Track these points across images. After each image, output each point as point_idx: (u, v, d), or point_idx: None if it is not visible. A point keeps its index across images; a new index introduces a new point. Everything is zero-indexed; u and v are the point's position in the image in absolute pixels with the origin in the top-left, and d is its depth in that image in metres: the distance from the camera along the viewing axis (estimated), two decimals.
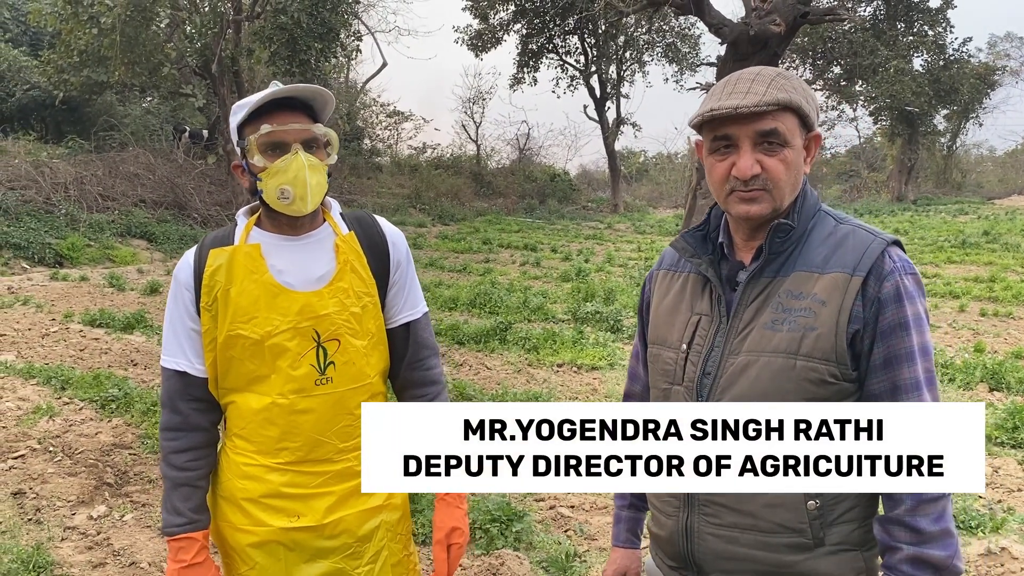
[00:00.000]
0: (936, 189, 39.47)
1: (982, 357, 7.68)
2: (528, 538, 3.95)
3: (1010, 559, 3.77)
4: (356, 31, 21.11)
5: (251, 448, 1.86)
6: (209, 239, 1.88)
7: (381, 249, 1.95)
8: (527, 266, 15.65)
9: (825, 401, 1.43)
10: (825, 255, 1.47)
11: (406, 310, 2.01)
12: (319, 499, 1.86)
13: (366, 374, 1.90)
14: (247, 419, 1.85)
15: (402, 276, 1.99)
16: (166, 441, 1.86)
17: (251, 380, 1.83)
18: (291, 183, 1.75)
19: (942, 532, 1.38)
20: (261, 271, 1.80)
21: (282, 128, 1.76)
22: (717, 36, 12.87)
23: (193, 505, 1.84)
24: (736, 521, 1.49)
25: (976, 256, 16.32)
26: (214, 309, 1.80)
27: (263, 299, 1.79)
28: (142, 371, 7.15)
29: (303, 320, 1.80)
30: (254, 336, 1.78)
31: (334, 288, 1.84)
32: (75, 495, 4.46)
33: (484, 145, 35.86)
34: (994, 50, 41.35)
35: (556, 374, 7.43)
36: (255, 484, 1.85)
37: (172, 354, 1.85)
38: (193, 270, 1.83)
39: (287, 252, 1.84)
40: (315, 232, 1.89)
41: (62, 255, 13.45)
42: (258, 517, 1.85)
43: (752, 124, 1.43)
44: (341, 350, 1.84)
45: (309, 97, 1.82)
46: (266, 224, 1.88)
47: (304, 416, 1.82)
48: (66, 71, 17.91)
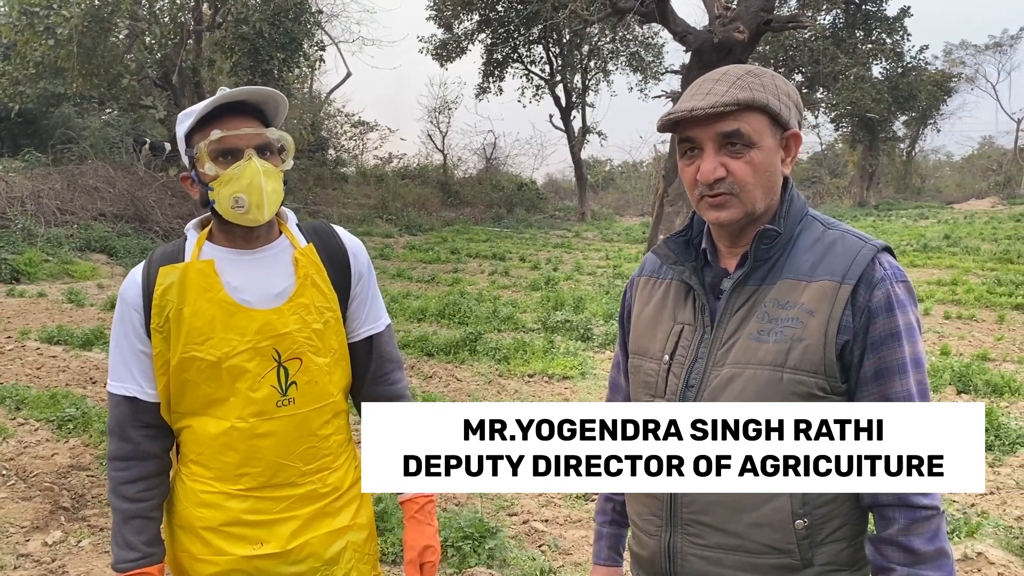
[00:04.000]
0: (897, 194, 40.08)
1: (949, 360, 7.75)
2: (502, 555, 3.85)
3: (987, 564, 3.75)
4: (319, 41, 20.93)
5: (209, 475, 1.75)
6: (157, 255, 1.76)
7: (341, 261, 1.85)
8: (496, 275, 15.57)
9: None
10: (813, 262, 1.41)
11: (368, 323, 1.92)
12: (283, 524, 1.76)
13: (329, 392, 1.81)
14: (204, 445, 1.74)
15: (364, 288, 1.90)
16: (116, 471, 1.75)
17: (207, 404, 1.72)
18: (245, 191, 1.64)
19: (937, 552, 1.33)
20: (215, 288, 1.69)
21: (234, 133, 1.65)
22: (681, 44, 12.93)
23: (146, 538, 1.73)
24: (721, 542, 1.43)
25: (938, 259, 16.56)
26: (165, 330, 1.69)
27: (219, 318, 1.68)
28: (101, 389, 6.94)
29: (263, 339, 1.70)
30: (210, 358, 1.68)
31: (294, 304, 1.74)
32: (29, 520, 4.28)
33: (451, 155, 35.79)
34: (950, 57, 42.28)
35: (527, 384, 7.36)
36: (214, 512, 1.75)
37: (120, 379, 1.74)
38: (142, 289, 1.72)
39: (242, 267, 1.74)
40: (271, 245, 1.78)
41: (19, 271, 13.08)
42: (218, 546, 1.75)
43: (712, 126, 1.38)
44: (303, 369, 1.75)
45: (261, 101, 1.72)
46: (218, 238, 1.77)
47: (265, 440, 1.72)
48: (22, 83, 17.55)
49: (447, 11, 26.84)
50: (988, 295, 11.81)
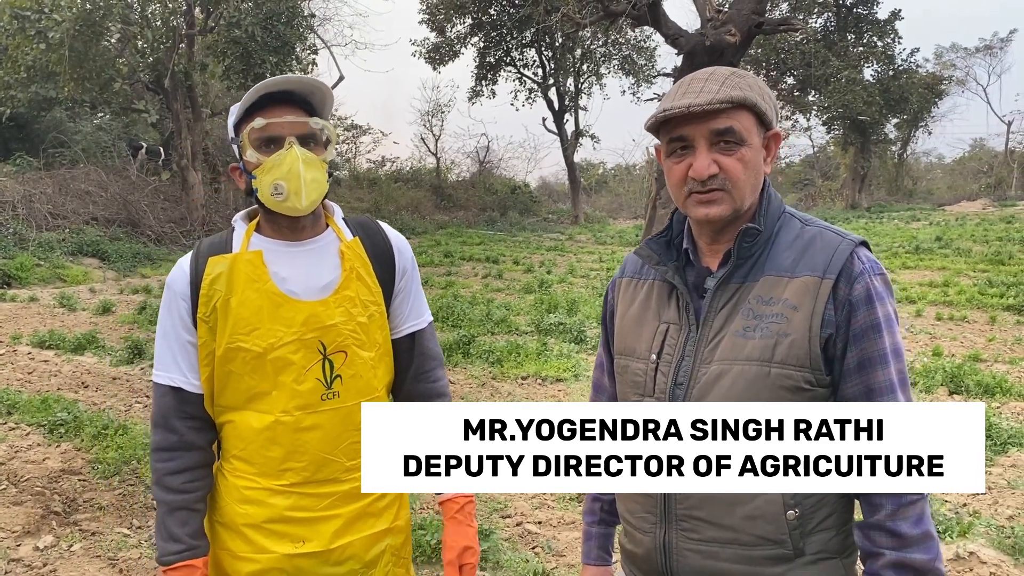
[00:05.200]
0: (888, 196, 40.26)
1: (941, 361, 7.78)
2: (495, 557, 3.85)
3: (979, 563, 3.76)
4: (312, 45, 20.88)
5: (252, 470, 1.75)
6: (205, 246, 1.76)
7: (386, 256, 1.86)
8: (489, 279, 15.57)
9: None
10: (794, 258, 1.44)
11: (411, 319, 1.92)
12: (326, 523, 1.76)
13: (373, 387, 1.81)
14: (247, 439, 1.73)
15: (407, 284, 1.91)
16: (160, 463, 1.73)
17: (250, 397, 1.72)
18: (285, 178, 1.64)
19: (923, 535, 1.37)
20: (263, 279, 1.69)
21: (276, 121, 1.67)
22: (673, 47, 12.96)
23: (191, 530, 1.72)
24: (716, 536, 1.45)
25: (930, 261, 16.63)
26: (212, 320, 1.69)
27: (266, 309, 1.68)
28: (93, 393, 6.92)
29: (308, 331, 1.70)
30: (256, 349, 1.68)
31: (340, 297, 1.74)
32: (20, 525, 4.26)
33: (444, 158, 35.85)
34: (940, 60, 42.53)
35: (521, 387, 7.36)
36: (257, 509, 1.74)
37: (166, 369, 1.73)
38: (190, 279, 1.72)
39: (290, 259, 1.74)
40: (318, 238, 1.79)
41: (10, 275, 13.04)
42: (260, 544, 1.74)
43: (707, 123, 1.40)
44: (348, 362, 1.74)
45: (307, 91, 1.73)
46: (266, 229, 1.77)
47: (310, 434, 1.72)
48: (13, 87, 17.47)
49: (439, 15, 26.86)
50: (980, 296, 11.86)
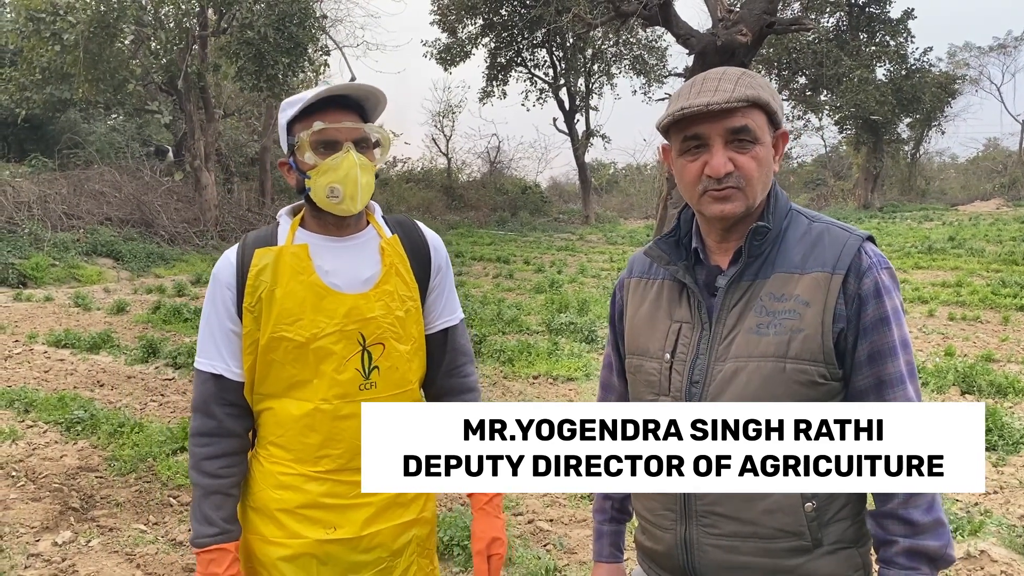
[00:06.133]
0: (901, 196, 40.05)
1: (953, 361, 7.76)
2: (507, 554, 3.88)
3: (990, 562, 3.77)
4: (324, 46, 20.95)
5: (289, 457, 1.80)
6: (251, 239, 1.83)
7: (423, 253, 1.93)
8: (500, 278, 15.61)
9: (815, 402, 1.42)
10: (803, 255, 1.46)
11: (445, 315, 1.99)
12: (357, 510, 1.82)
13: (408, 380, 1.87)
14: (286, 426, 1.79)
15: (442, 281, 1.98)
16: (198, 447, 1.79)
17: (290, 385, 1.78)
18: (341, 182, 1.72)
19: (935, 522, 1.39)
20: (308, 272, 1.76)
21: (335, 126, 1.73)
22: (684, 47, 12.94)
23: (225, 514, 1.78)
24: (736, 530, 1.47)
25: (943, 261, 16.56)
26: (257, 310, 1.75)
27: (309, 300, 1.75)
28: (109, 391, 7.00)
29: (349, 323, 1.76)
30: (299, 338, 1.74)
31: (380, 291, 1.81)
32: (39, 521, 4.32)
33: (455, 158, 35.93)
34: (954, 59, 42.35)
35: (532, 386, 7.39)
36: (292, 494, 1.79)
37: (208, 356, 1.79)
38: (236, 269, 1.78)
39: (333, 253, 1.81)
40: (360, 234, 1.86)
41: (26, 275, 13.17)
42: (293, 529, 1.79)
43: (723, 121, 1.42)
44: (386, 355, 1.81)
45: (362, 96, 1.79)
46: (311, 224, 1.84)
47: (347, 422, 1.77)
48: (28, 88, 17.64)
49: (451, 15, 26.90)
50: (993, 296, 11.81)
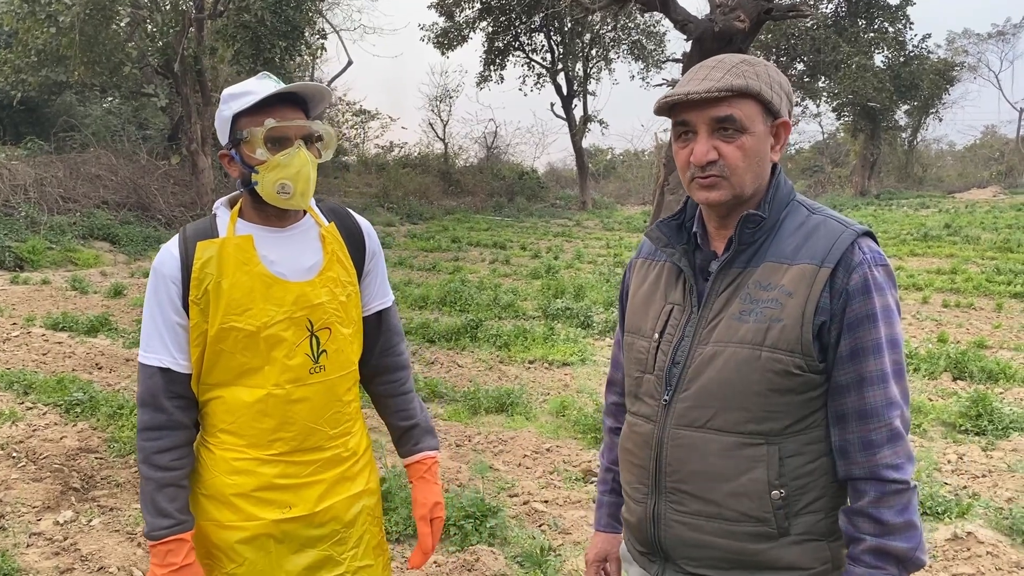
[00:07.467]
0: (898, 183, 40.06)
1: (945, 347, 7.82)
2: (503, 533, 3.94)
3: (976, 543, 3.83)
4: (321, 29, 20.85)
5: (241, 442, 1.84)
6: (191, 231, 1.84)
7: (358, 239, 2.00)
8: (497, 264, 15.64)
9: (791, 392, 1.43)
10: (795, 246, 1.47)
11: (379, 298, 2.07)
12: (310, 488, 1.88)
13: (351, 361, 1.95)
14: (237, 413, 1.83)
15: (376, 265, 2.05)
16: (148, 442, 1.80)
17: (240, 373, 1.82)
18: (293, 179, 1.76)
19: (905, 524, 1.40)
20: (254, 262, 1.79)
21: (286, 124, 1.77)
22: (682, 33, 12.92)
23: (179, 505, 1.81)
24: (701, 509, 1.50)
25: (938, 248, 16.61)
26: (204, 302, 1.78)
27: (258, 290, 1.79)
28: (107, 374, 7.04)
29: (298, 310, 1.82)
30: (249, 328, 1.78)
31: (324, 278, 1.87)
32: (40, 501, 4.37)
33: (452, 143, 35.85)
34: (952, 46, 42.24)
35: (528, 370, 7.44)
36: (246, 478, 1.84)
37: (154, 350, 1.80)
38: (180, 263, 1.79)
39: (276, 243, 1.85)
40: (300, 223, 1.91)
41: (22, 258, 13.17)
42: (249, 512, 1.84)
43: (707, 110, 1.44)
44: (332, 338, 1.88)
45: (310, 95, 1.84)
46: (250, 215, 1.87)
47: (299, 405, 1.84)
48: (23, 71, 17.53)
49: None
50: (987, 284, 11.88)
